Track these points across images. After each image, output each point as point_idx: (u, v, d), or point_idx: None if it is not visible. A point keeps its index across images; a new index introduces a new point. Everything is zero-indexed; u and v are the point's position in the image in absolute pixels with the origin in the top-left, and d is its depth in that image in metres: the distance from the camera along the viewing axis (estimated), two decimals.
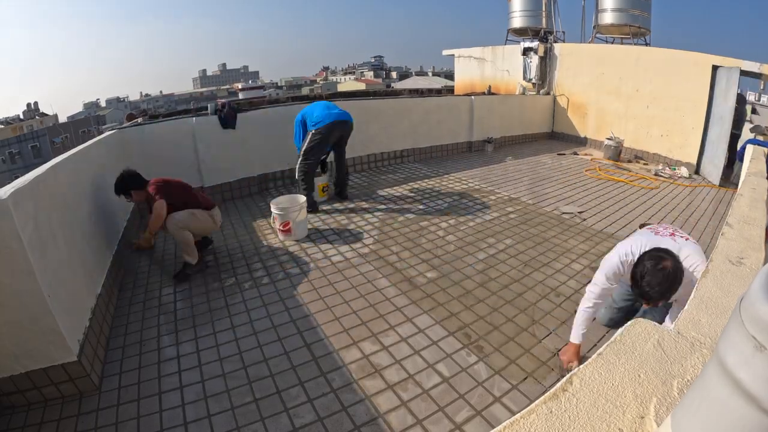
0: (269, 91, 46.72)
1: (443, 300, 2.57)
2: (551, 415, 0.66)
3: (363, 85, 46.37)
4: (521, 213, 4.11)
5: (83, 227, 2.45)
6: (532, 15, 9.52)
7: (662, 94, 6.44)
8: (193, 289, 2.74)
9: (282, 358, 2.07)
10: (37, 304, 1.68)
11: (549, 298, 2.61)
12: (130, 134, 4.00)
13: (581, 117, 7.87)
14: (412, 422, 1.69)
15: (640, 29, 8.93)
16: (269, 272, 2.93)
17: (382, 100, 6.21)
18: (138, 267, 3.11)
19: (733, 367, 0.44)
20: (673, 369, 0.76)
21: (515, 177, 5.49)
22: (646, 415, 0.68)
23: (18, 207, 1.63)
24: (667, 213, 4.30)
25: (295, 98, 11.42)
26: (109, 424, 1.72)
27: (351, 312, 2.45)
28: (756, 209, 1.75)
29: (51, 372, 1.79)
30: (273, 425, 1.69)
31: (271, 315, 2.43)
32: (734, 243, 1.35)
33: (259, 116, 4.76)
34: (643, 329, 0.86)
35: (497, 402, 1.80)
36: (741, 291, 0.49)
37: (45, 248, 1.80)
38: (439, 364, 2.02)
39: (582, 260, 3.13)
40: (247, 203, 4.47)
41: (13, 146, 27.04)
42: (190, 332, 2.29)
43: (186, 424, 1.70)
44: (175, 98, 69.62)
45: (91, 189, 2.79)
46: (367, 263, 3.04)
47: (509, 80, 9.11)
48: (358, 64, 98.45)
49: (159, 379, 1.96)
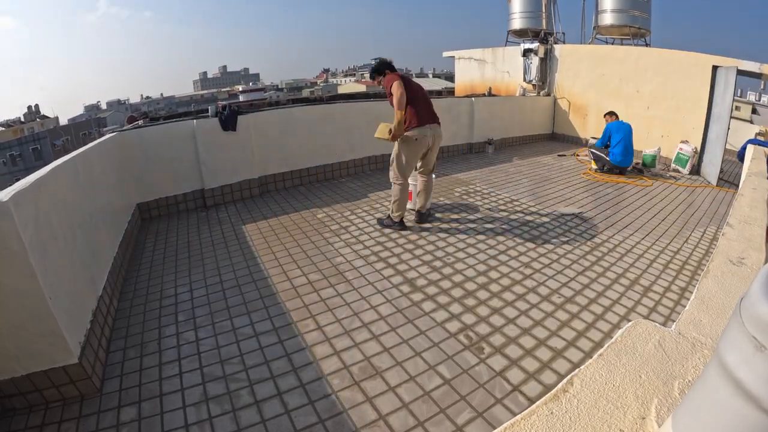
0: (270, 94, 46.82)
1: (444, 302, 2.57)
2: (552, 416, 0.66)
3: (363, 87, 46.38)
4: (522, 214, 4.10)
5: (84, 229, 2.45)
6: (532, 16, 9.55)
7: (662, 94, 6.45)
8: (194, 291, 2.74)
9: (283, 360, 2.07)
10: (38, 305, 1.68)
11: (550, 300, 2.61)
12: (130, 136, 4.01)
13: (582, 118, 7.87)
14: (414, 424, 1.68)
15: (639, 30, 8.95)
16: (270, 274, 2.93)
17: (383, 102, 6.20)
18: (139, 268, 3.11)
19: (733, 367, 0.44)
20: (674, 369, 0.76)
21: (516, 178, 5.49)
22: (647, 415, 0.67)
23: (19, 209, 1.63)
24: (668, 213, 4.30)
25: (295, 100, 11.45)
26: (111, 426, 1.72)
27: (352, 314, 2.45)
28: (757, 209, 1.75)
29: (52, 374, 1.79)
30: (274, 427, 1.68)
31: (272, 317, 2.43)
32: (735, 243, 1.35)
33: (260, 118, 4.77)
34: (644, 330, 0.86)
35: (498, 403, 1.79)
36: (742, 291, 0.49)
37: (46, 250, 1.80)
38: (441, 365, 2.02)
39: (583, 261, 3.13)
40: (247, 204, 4.47)
41: (14, 148, 27.11)
42: (191, 334, 2.29)
43: (187, 426, 1.70)
44: (175, 100, 69.82)
45: (91, 191, 2.79)
46: (367, 265, 3.04)
47: (510, 81, 9.13)
48: (359, 66, 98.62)
49: (160, 381, 1.96)
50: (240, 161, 4.58)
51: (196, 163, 4.33)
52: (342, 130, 5.44)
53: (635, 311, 2.52)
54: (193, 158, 4.31)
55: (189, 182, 4.35)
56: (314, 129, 5.18)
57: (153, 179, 4.14)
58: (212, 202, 4.47)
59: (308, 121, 5.13)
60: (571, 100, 8.01)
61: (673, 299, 2.66)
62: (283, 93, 59.53)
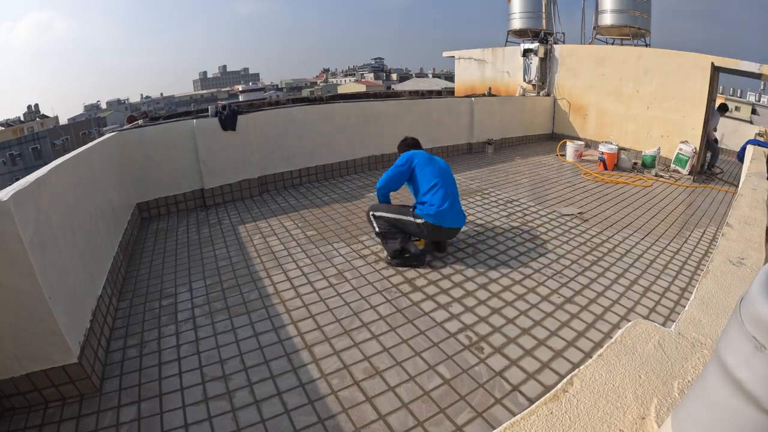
0: (269, 93, 46.85)
1: (444, 302, 2.57)
2: (552, 416, 0.66)
3: (363, 87, 46.47)
4: (522, 214, 4.11)
5: (84, 229, 2.45)
6: (532, 16, 9.55)
7: (662, 94, 6.45)
8: (194, 291, 2.74)
9: (283, 359, 2.07)
10: (38, 305, 1.68)
11: (550, 300, 2.61)
12: (130, 136, 4.01)
13: (582, 118, 7.88)
14: (413, 424, 1.68)
15: (639, 30, 8.95)
16: (269, 274, 2.93)
17: (382, 102, 6.21)
18: (139, 268, 3.11)
19: (733, 367, 0.44)
20: (674, 369, 0.76)
21: (515, 179, 5.49)
22: (646, 415, 0.67)
23: (19, 209, 1.63)
24: (668, 214, 4.30)
25: (295, 100, 11.46)
26: (110, 425, 1.72)
27: (352, 314, 2.45)
28: (756, 209, 1.75)
29: (51, 374, 1.79)
30: (274, 427, 1.68)
31: (272, 317, 2.43)
32: (735, 243, 1.35)
33: (260, 118, 4.77)
34: (644, 330, 0.86)
35: (498, 403, 1.79)
36: (741, 291, 0.49)
37: (46, 250, 1.80)
38: (440, 365, 2.02)
39: (583, 261, 3.13)
40: (247, 204, 4.47)
41: (13, 148, 27.12)
42: (191, 334, 2.29)
43: (187, 425, 1.70)
44: (175, 100, 69.83)
45: (91, 190, 2.79)
46: (367, 264, 3.04)
47: (509, 82, 9.13)
48: (359, 66, 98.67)
49: (160, 380, 1.96)
50: (240, 161, 4.58)
51: (196, 163, 4.33)
52: (342, 129, 5.45)
53: (635, 311, 2.52)
54: (193, 158, 4.31)
55: (189, 182, 4.35)
56: (314, 129, 5.18)
57: (153, 179, 4.14)
58: (212, 201, 4.47)
59: (308, 121, 5.13)
60: (571, 101, 8.01)
61: (672, 299, 2.66)
62: (283, 93, 59.54)
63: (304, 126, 5.09)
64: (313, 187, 5.09)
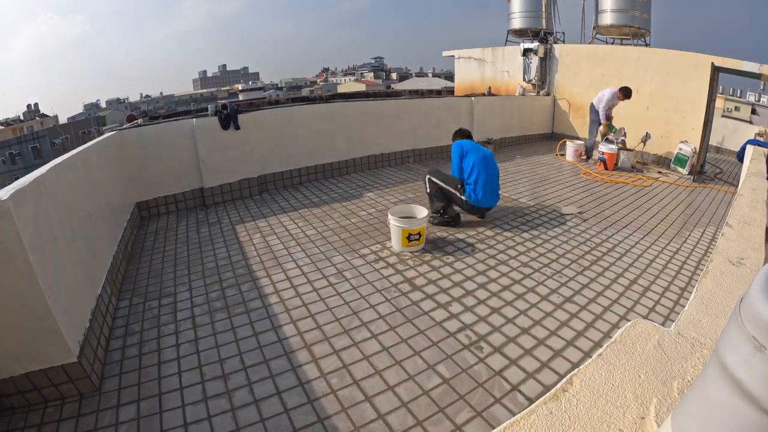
0: (269, 92, 46.83)
1: (443, 301, 2.57)
2: (551, 416, 0.66)
3: (363, 86, 46.43)
4: (521, 214, 4.11)
5: (83, 228, 2.44)
6: (532, 16, 9.54)
7: (662, 94, 6.45)
8: (193, 290, 2.74)
9: (282, 359, 2.07)
10: (37, 305, 1.67)
11: (549, 300, 2.61)
12: (130, 135, 4.01)
13: (582, 118, 7.86)
14: (413, 423, 1.68)
15: (639, 30, 8.94)
16: (269, 273, 2.93)
17: (382, 101, 6.21)
18: (138, 267, 3.11)
19: (733, 367, 0.44)
20: (674, 369, 0.76)
21: (515, 178, 5.49)
22: (646, 415, 0.67)
23: (18, 208, 1.63)
24: (667, 213, 4.30)
25: (295, 99, 11.45)
26: (109, 425, 1.72)
27: (351, 313, 2.45)
28: (756, 210, 1.75)
29: (51, 373, 1.79)
30: (273, 426, 1.68)
31: (271, 316, 2.43)
32: (734, 243, 1.35)
33: (259, 117, 4.76)
34: (644, 330, 0.86)
35: (498, 403, 1.79)
36: (741, 291, 0.49)
37: (45, 249, 1.80)
38: (440, 365, 2.02)
39: (582, 261, 3.13)
40: (246, 203, 4.47)
41: (13, 147, 27.06)
42: (191, 333, 2.29)
43: (186, 425, 1.70)
44: (175, 99, 69.75)
45: (91, 190, 2.79)
46: (366, 264, 3.04)
47: (509, 81, 9.12)
48: (358, 65, 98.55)
49: (159, 380, 1.96)
50: (239, 160, 4.58)
51: (196, 162, 4.32)
52: (341, 129, 5.44)
53: (634, 311, 2.52)
54: (193, 157, 4.31)
55: (188, 181, 4.34)
56: (314, 128, 5.18)
57: (152, 178, 4.13)
58: (212, 200, 4.46)
59: (308, 120, 5.13)
60: (571, 100, 8.00)
61: (672, 299, 2.66)
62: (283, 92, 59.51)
63: (303, 125, 5.09)
64: (312, 186, 5.09)
